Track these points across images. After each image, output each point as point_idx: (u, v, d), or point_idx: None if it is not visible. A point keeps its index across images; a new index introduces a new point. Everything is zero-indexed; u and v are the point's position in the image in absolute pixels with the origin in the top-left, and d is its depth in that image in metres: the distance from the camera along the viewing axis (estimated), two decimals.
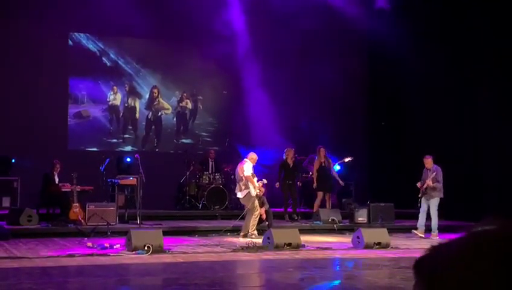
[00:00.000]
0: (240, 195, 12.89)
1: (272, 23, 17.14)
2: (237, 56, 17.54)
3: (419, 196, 13.34)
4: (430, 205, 13.23)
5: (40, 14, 15.20)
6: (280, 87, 17.27)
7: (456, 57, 15.78)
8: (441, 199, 13.26)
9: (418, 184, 13.27)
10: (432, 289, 0.91)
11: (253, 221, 12.53)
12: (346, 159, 15.84)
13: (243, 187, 12.69)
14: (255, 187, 12.62)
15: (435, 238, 12.83)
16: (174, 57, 17.66)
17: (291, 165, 15.35)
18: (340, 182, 15.69)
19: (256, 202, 12.65)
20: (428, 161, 13.28)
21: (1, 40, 15.25)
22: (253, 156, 12.96)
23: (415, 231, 13.26)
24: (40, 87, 15.61)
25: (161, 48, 17.64)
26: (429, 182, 13.10)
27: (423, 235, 13.10)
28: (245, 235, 12.32)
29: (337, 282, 8.74)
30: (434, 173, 13.13)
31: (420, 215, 13.40)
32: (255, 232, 12.42)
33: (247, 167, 12.67)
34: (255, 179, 12.78)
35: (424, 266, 0.94)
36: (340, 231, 13.82)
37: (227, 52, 17.16)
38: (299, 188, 15.74)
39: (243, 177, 12.65)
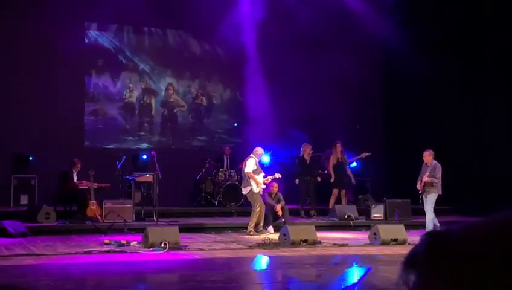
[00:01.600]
0: (244, 191, 12.93)
1: (284, 16, 17.08)
2: (250, 52, 17.55)
3: (420, 193, 13.08)
4: (426, 201, 12.81)
5: (56, 12, 15.26)
6: (295, 80, 17.23)
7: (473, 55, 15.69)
8: (439, 195, 12.83)
9: (418, 185, 12.99)
10: (443, 277, 0.89)
11: (252, 218, 12.52)
12: (364, 155, 15.76)
13: (246, 183, 12.70)
14: (258, 184, 12.59)
15: None
16: (188, 54, 17.72)
17: (308, 161, 15.32)
18: (353, 180, 15.64)
19: (260, 198, 12.61)
20: (426, 155, 12.90)
21: (17, 39, 15.33)
22: (258, 151, 12.91)
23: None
24: (57, 86, 15.69)
25: (176, 45, 17.68)
26: (425, 177, 12.85)
27: None
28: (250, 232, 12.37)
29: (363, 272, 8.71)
30: (431, 168, 12.86)
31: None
32: (256, 229, 12.42)
33: (249, 163, 12.63)
34: (261, 174, 12.72)
35: (417, 259, 0.92)
36: (356, 227, 13.77)
37: (241, 47, 17.18)
38: (318, 184, 15.65)
39: (246, 174, 12.68)
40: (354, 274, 8.97)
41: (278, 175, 13.00)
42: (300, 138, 16.34)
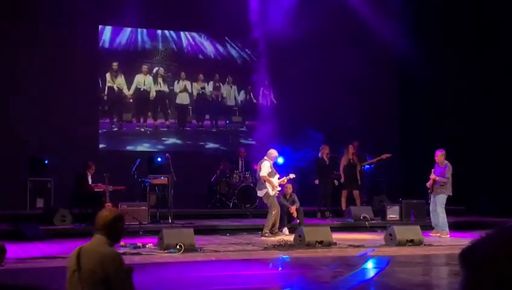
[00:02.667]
0: (259, 194, 12.89)
1: (296, 16, 17.07)
2: (264, 54, 17.56)
3: (429, 192, 13.00)
4: (436, 202, 12.76)
5: (71, 16, 15.34)
6: (309, 81, 17.20)
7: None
8: (449, 196, 12.79)
9: (428, 183, 12.88)
10: (477, 277, 0.89)
11: (268, 221, 12.50)
12: (384, 156, 15.67)
13: (262, 186, 12.66)
14: (273, 186, 12.56)
15: (444, 237, 12.51)
16: (202, 56, 17.74)
17: (327, 162, 15.29)
18: (359, 181, 15.55)
19: (275, 201, 12.59)
20: (439, 155, 12.82)
21: (33, 43, 15.43)
22: (272, 153, 12.88)
23: (431, 233, 12.73)
24: (72, 89, 15.77)
25: (190, 47, 17.69)
26: (433, 175, 12.75)
27: (445, 235, 12.66)
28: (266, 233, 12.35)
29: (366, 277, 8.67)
30: (440, 168, 12.77)
31: (431, 214, 13.01)
32: (271, 231, 12.40)
33: (264, 166, 12.59)
34: (276, 176, 12.70)
35: (470, 255, 0.93)
36: (372, 228, 13.72)
37: (255, 49, 17.21)
38: (335, 186, 15.57)
39: (261, 177, 12.64)
40: (369, 273, 8.92)
41: (292, 175, 12.96)
42: (316, 137, 16.33)
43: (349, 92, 17.36)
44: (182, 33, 17.59)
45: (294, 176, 13.06)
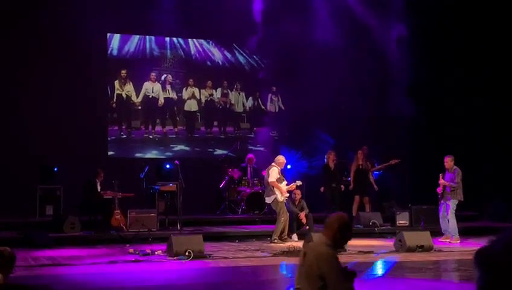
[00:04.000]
0: (268, 200, 12.86)
1: (303, 21, 17.07)
2: (272, 60, 17.60)
3: (439, 198, 12.93)
4: (447, 208, 12.66)
5: (80, 24, 15.38)
6: (317, 87, 17.17)
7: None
8: (460, 201, 12.72)
9: (438, 189, 12.81)
10: (491, 277, 0.89)
11: (278, 227, 12.47)
12: (393, 162, 15.62)
13: (270, 192, 12.64)
14: (282, 192, 12.54)
15: (455, 242, 12.43)
16: (211, 63, 17.77)
17: (333, 168, 15.26)
18: (375, 186, 15.53)
19: (284, 207, 12.57)
20: (447, 161, 12.75)
21: (41, 51, 15.50)
22: (280, 159, 12.87)
23: (441, 239, 12.63)
24: (80, 96, 15.82)
25: (198, 54, 17.73)
26: (443, 181, 12.69)
27: (455, 240, 12.62)
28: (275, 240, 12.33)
29: None
30: (450, 174, 12.72)
31: (440, 219, 12.94)
32: (280, 237, 12.37)
33: (272, 173, 12.58)
34: (284, 182, 12.68)
35: (484, 256, 0.93)
36: (382, 234, 13.66)
37: (263, 55, 17.21)
38: (342, 192, 15.54)
39: (269, 183, 12.62)
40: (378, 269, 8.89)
41: (298, 182, 12.94)
42: (327, 140, 16.32)
43: (357, 98, 17.31)
44: (190, 40, 17.63)
45: (300, 183, 13.04)
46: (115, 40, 16.97)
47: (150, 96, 17.21)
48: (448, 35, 16.55)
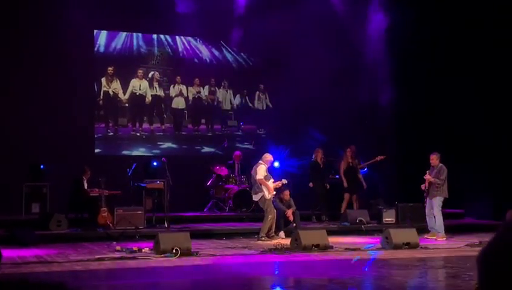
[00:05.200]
0: (255, 198, 12.89)
1: (292, 22, 17.07)
2: (260, 58, 17.59)
3: (424, 195, 13.02)
4: (433, 205, 12.79)
5: (66, 21, 15.27)
6: (306, 85, 17.17)
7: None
8: (445, 198, 12.83)
9: (422, 186, 12.92)
10: (491, 275, 0.90)
11: (265, 224, 12.51)
12: (379, 158, 15.70)
13: (258, 190, 12.67)
14: (270, 190, 12.58)
15: (441, 240, 12.51)
16: (198, 60, 17.74)
17: (321, 166, 15.31)
18: (364, 184, 15.62)
19: (271, 205, 12.61)
20: (433, 158, 12.88)
21: (27, 48, 15.40)
22: (267, 157, 12.92)
23: (427, 236, 12.73)
24: (67, 94, 15.71)
25: (186, 51, 17.69)
26: (428, 176, 12.76)
27: (441, 238, 12.67)
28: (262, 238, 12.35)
29: None
30: (436, 171, 12.80)
31: (427, 217, 13.02)
32: (267, 235, 12.41)
33: (259, 170, 12.62)
34: (271, 180, 12.72)
35: (483, 254, 0.95)
36: (368, 231, 13.73)
37: (251, 53, 17.19)
38: (327, 190, 15.58)
39: (257, 180, 12.65)
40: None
41: (284, 181, 12.97)
42: (317, 138, 16.36)
43: (345, 96, 17.32)
44: (177, 37, 17.58)
45: (286, 181, 13.07)
46: (102, 36, 16.89)
47: (137, 94, 17.15)
48: (434, 34, 16.60)
